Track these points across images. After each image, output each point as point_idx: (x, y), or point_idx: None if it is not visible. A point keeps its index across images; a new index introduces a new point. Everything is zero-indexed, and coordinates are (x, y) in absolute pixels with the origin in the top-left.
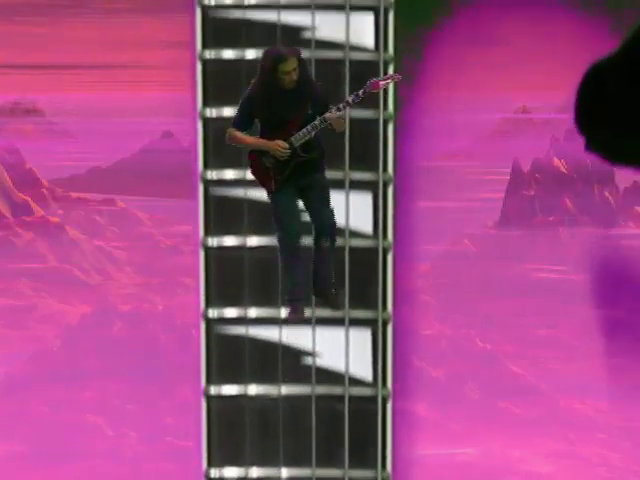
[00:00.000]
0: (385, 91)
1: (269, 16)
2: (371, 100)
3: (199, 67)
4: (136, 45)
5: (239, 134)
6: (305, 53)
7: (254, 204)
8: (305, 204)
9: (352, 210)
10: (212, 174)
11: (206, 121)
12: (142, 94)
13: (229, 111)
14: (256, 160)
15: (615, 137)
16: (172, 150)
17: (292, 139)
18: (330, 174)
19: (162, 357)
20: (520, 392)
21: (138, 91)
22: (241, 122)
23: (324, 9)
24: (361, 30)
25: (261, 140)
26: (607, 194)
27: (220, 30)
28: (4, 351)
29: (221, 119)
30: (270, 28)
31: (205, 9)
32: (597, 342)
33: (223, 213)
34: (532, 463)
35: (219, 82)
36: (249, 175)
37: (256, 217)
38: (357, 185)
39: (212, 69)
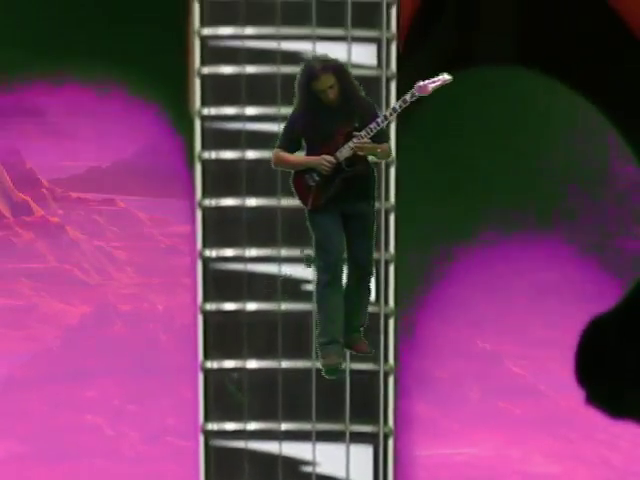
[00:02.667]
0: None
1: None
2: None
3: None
4: None
5: (284, 155)
6: None
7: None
8: (345, 234)
9: (352, 462)
10: (211, 252)
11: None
12: None
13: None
14: (299, 178)
15: (616, 391)
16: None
17: (337, 154)
18: (330, 426)
19: (162, 357)
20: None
21: None
22: (287, 143)
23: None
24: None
25: (307, 158)
26: None
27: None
28: (4, 351)
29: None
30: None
31: None
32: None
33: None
34: (532, 463)
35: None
36: (250, 252)
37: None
38: (357, 437)
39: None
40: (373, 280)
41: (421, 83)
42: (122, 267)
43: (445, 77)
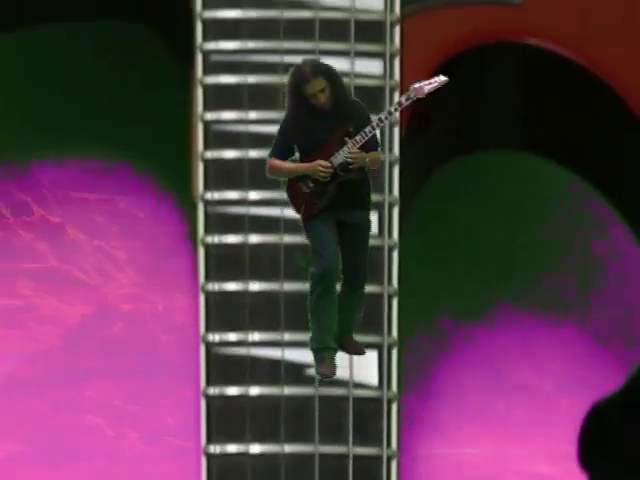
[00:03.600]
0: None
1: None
2: (374, 438)
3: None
4: None
5: (278, 162)
6: None
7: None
8: (340, 243)
9: None
10: (214, 337)
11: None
12: None
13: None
14: (293, 185)
15: (619, 476)
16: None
17: (332, 159)
18: None
19: (162, 357)
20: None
21: None
22: (279, 151)
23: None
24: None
25: (301, 165)
26: None
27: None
28: (4, 351)
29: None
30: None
31: None
32: None
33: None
34: (532, 463)
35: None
36: (253, 337)
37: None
38: None
39: None
40: (376, 364)
41: (417, 85)
42: (122, 267)
43: (441, 78)
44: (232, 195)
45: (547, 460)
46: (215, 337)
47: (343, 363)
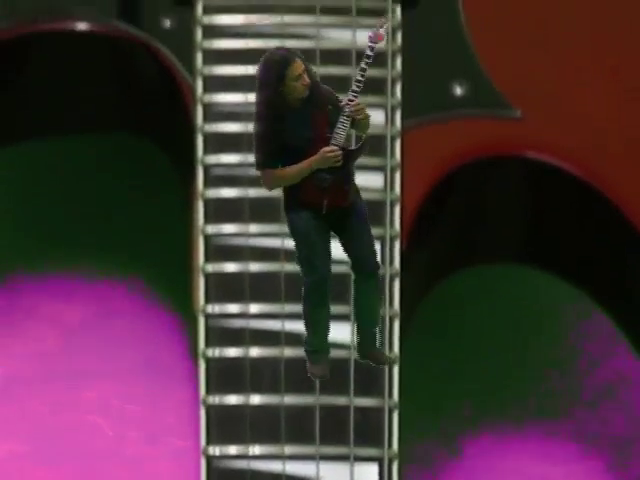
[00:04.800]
0: None
1: None
2: None
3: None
4: None
5: (279, 171)
6: None
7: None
8: (339, 235)
9: None
10: (215, 450)
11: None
12: None
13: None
14: (306, 188)
15: None
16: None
17: (332, 142)
18: None
19: (162, 357)
20: None
21: None
22: (268, 158)
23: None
24: None
25: (306, 162)
26: None
27: None
28: (4, 351)
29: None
30: None
31: None
32: None
33: None
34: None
35: None
36: (255, 451)
37: None
38: None
39: None
40: (376, 478)
41: (371, 33)
42: None
43: (385, 17)
44: (233, 308)
45: None
46: (216, 450)
47: (342, 478)
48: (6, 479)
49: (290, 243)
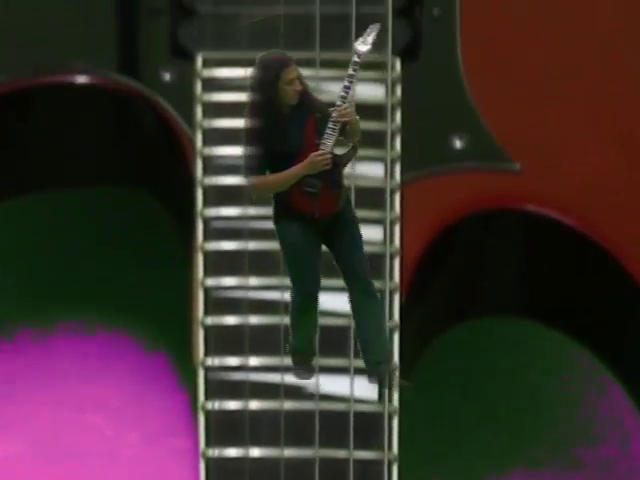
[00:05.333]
0: None
1: None
2: None
3: None
4: None
5: (267, 177)
6: None
7: None
8: (331, 244)
9: None
10: None
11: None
12: None
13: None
14: (295, 195)
15: None
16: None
17: (321, 147)
18: None
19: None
20: None
21: None
22: (258, 164)
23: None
24: None
25: (294, 168)
26: None
27: None
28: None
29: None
30: None
31: None
32: None
33: None
34: None
35: None
36: None
37: None
38: None
39: None
40: None
41: (357, 41)
42: None
43: (374, 26)
44: (232, 361)
45: None
46: None
47: None
48: (6, 479)
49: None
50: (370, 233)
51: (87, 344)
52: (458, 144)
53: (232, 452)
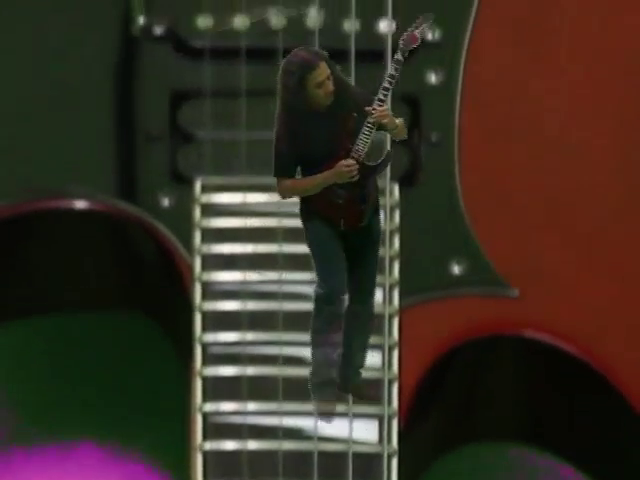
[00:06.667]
0: None
1: None
2: None
3: None
4: None
5: (295, 181)
6: None
7: None
8: (348, 257)
9: None
10: None
11: None
12: None
13: None
14: (322, 200)
15: None
16: None
17: (353, 154)
18: None
19: None
20: None
21: None
22: (284, 166)
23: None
24: None
25: (319, 176)
26: None
27: None
28: None
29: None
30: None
31: None
32: None
33: None
34: None
35: None
36: None
37: None
38: None
39: None
40: None
41: (404, 35)
42: None
43: (425, 16)
44: None
45: None
46: None
47: None
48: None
49: (288, 421)
50: (368, 358)
51: (85, 465)
52: (457, 270)
53: None
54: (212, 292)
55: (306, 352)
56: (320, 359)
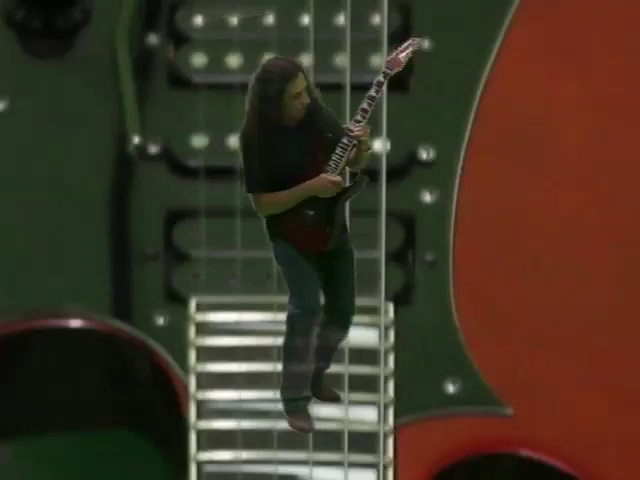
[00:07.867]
0: None
1: None
2: None
3: None
4: None
5: (273, 195)
6: None
7: None
8: (325, 276)
9: None
10: None
11: None
12: None
13: None
14: (286, 222)
15: None
16: None
17: (328, 169)
18: None
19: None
20: None
21: None
22: (260, 182)
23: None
24: None
25: (302, 186)
26: None
27: None
28: None
29: None
30: None
31: None
32: None
33: None
34: None
35: None
36: None
37: None
38: None
39: None
40: None
41: (389, 57)
42: None
43: (414, 40)
44: None
45: None
46: None
47: None
48: None
49: (283, 469)
50: (363, 478)
51: None
52: (451, 389)
53: None
54: (207, 411)
55: (303, 470)
56: (293, 375)
